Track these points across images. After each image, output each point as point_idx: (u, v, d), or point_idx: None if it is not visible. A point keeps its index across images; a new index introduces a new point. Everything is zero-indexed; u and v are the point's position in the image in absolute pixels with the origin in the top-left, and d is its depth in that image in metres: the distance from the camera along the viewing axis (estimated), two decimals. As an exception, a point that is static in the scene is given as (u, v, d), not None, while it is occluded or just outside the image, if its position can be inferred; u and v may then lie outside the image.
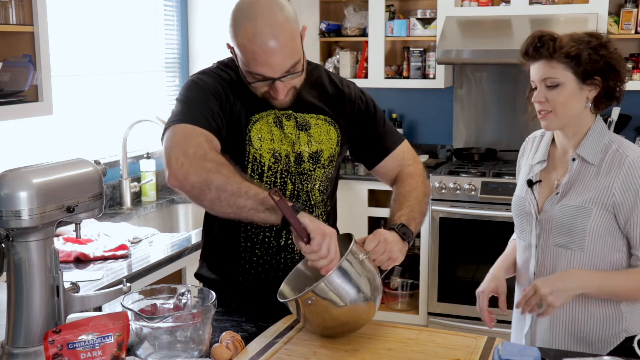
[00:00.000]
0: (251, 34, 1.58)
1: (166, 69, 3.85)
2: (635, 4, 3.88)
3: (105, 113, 3.39)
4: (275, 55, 1.59)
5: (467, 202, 3.87)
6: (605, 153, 1.78)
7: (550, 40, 1.75)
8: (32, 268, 1.42)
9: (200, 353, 1.50)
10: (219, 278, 1.87)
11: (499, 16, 4.05)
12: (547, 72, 1.77)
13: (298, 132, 1.77)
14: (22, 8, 2.40)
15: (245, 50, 1.60)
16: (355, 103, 1.87)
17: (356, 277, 1.53)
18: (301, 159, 1.78)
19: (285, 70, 1.62)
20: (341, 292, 1.51)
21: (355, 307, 1.54)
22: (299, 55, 1.64)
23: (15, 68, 2.42)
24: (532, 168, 1.92)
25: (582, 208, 1.76)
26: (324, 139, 1.81)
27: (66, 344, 1.33)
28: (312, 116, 1.80)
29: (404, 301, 4.25)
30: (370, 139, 1.90)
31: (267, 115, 1.74)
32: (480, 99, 4.43)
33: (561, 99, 1.76)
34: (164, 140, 1.61)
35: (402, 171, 1.89)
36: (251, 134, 1.73)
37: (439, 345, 1.59)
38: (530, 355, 1.41)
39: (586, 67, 1.73)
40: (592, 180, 1.77)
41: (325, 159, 1.81)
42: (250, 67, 1.62)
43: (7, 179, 1.36)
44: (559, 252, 1.82)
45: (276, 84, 1.64)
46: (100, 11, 3.31)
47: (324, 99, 1.83)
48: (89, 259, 2.43)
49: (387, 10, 4.31)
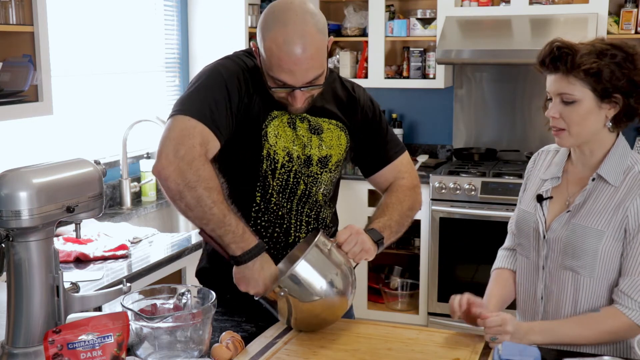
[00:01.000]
0: (281, 40, 1.57)
1: (166, 69, 3.85)
2: (635, 4, 3.88)
3: (105, 113, 3.39)
4: (300, 65, 1.59)
5: (467, 202, 3.87)
6: (627, 174, 1.66)
7: (569, 54, 1.62)
8: (32, 268, 1.42)
9: (200, 353, 1.50)
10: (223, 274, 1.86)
11: (499, 16, 4.05)
12: (563, 87, 1.63)
13: (310, 135, 1.78)
14: (22, 8, 2.40)
15: (272, 55, 1.59)
16: (364, 109, 1.87)
17: (324, 268, 1.57)
18: (310, 162, 1.78)
19: (308, 82, 1.62)
20: (310, 284, 1.55)
21: (326, 298, 1.57)
22: (323, 67, 1.64)
23: (15, 68, 2.42)
24: (544, 183, 1.79)
25: (594, 230, 1.65)
26: (335, 144, 1.81)
27: (66, 344, 1.34)
28: (325, 120, 1.80)
29: (404, 301, 4.25)
30: (373, 146, 1.90)
31: (282, 115, 1.75)
32: (480, 99, 4.43)
33: (576, 118, 1.63)
34: (165, 126, 1.61)
35: (395, 183, 1.90)
36: (268, 129, 1.72)
37: (439, 345, 1.59)
38: (530, 355, 1.41)
39: (606, 84, 1.60)
40: (608, 201, 1.65)
41: (333, 164, 1.82)
42: (273, 72, 1.62)
43: (7, 179, 1.36)
44: (567, 275, 1.70)
45: (295, 93, 1.64)
46: (100, 11, 3.31)
47: (337, 104, 1.83)
48: (89, 259, 2.43)
49: (387, 10, 4.31)
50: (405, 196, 1.87)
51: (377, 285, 4.33)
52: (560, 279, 1.72)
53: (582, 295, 1.70)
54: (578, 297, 1.70)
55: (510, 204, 3.72)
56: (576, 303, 1.71)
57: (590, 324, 1.65)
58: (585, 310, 1.70)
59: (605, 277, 1.67)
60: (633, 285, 1.62)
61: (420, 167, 4.26)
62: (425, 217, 3.98)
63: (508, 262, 1.91)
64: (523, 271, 1.83)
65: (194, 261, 2.73)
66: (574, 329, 1.64)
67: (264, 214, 1.79)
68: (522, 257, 1.84)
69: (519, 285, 1.85)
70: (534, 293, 1.79)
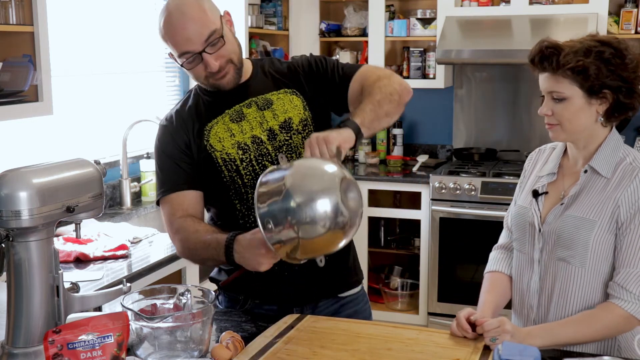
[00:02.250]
0: (167, 22, 1.71)
1: (166, 69, 3.85)
2: (635, 4, 3.88)
3: (105, 113, 3.39)
4: (188, 29, 1.69)
5: (467, 202, 3.87)
6: (619, 166, 1.69)
7: (554, 54, 1.65)
8: (32, 268, 1.42)
9: (200, 353, 1.50)
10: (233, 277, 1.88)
11: (499, 16, 4.05)
12: (552, 85, 1.68)
13: (262, 112, 1.82)
14: (22, 8, 2.40)
15: (167, 38, 1.72)
16: (303, 65, 1.89)
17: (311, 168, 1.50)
18: (274, 133, 1.81)
19: (205, 41, 1.70)
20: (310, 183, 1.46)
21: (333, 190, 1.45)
22: (215, 26, 1.71)
23: (15, 68, 2.42)
24: (540, 179, 1.82)
25: (586, 220, 1.67)
26: (289, 107, 1.84)
27: (66, 344, 1.33)
28: (273, 93, 1.85)
29: (404, 301, 4.25)
30: (332, 83, 1.86)
31: (222, 118, 1.82)
32: (480, 99, 4.43)
33: (567, 114, 1.67)
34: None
35: (364, 84, 1.80)
36: (210, 141, 1.81)
37: (439, 345, 1.59)
38: (530, 355, 1.41)
39: (593, 82, 1.63)
40: (600, 192, 1.68)
41: (296, 124, 1.83)
42: (177, 49, 1.72)
43: (7, 179, 1.36)
44: (560, 266, 1.72)
45: (205, 58, 1.71)
46: (100, 11, 3.31)
47: (278, 75, 1.88)
48: (89, 259, 2.43)
49: (387, 10, 4.31)
50: (373, 89, 1.75)
51: (377, 285, 4.33)
52: (554, 271, 1.74)
53: (575, 287, 1.71)
54: (571, 289, 1.71)
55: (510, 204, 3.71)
56: (569, 295, 1.72)
57: (586, 321, 1.65)
58: (579, 302, 1.71)
59: (596, 268, 1.68)
60: (628, 277, 1.63)
61: (420, 167, 4.26)
62: (425, 217, 3.98)
63: (501, 265, 1.90)
64: (518, 265, 1.84)
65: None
66: (572, 329, 1.65)
67: (247, 216, 1.81)
68: (517, 252, 1.85)
69: (514, 279, 1.86)
70: (529, 286, 1.80)
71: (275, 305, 1.85)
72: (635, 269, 1.63)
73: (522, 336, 1.60)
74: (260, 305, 1.86)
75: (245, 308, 1.86)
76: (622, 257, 1.65)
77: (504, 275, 1.88)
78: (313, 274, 1.82)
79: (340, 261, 1.91)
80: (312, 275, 1.82)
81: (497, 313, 1.79)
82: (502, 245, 1.95)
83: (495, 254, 1.95)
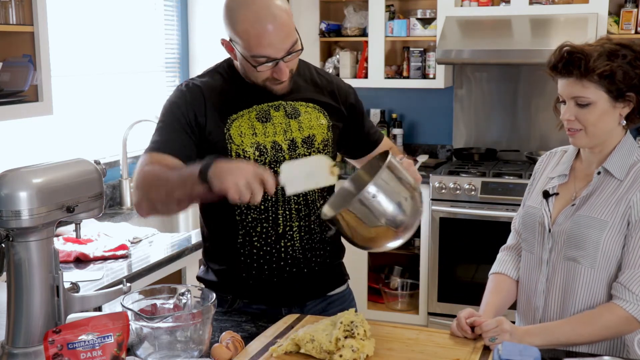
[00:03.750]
0: (252, 19, 1.64)
1: (166, 69, 3.85)
2: (635, 4, 3.88)
3: (105, 113, 3.39)
4: (277, 36, 1.65)
5: (467, 202, 3.87)
6: (632, 168, 1.69)
7: (582, 59, 1.63)
8: (32, 268, 1.42)
9: (200, 353, 1.50)
10: (221, 277, 1.88)
11: (499, 16, 4.05)
12: (577, 90, 1.65)
13: (288, 120, 1.81)
14: (22, 8, 2.40)
15: (249, 36, 1.66)
16: (342, 93, 1.92)
17: (395, 190, 1.49)
18: (295, 145, 1.80)
19: (287, 50, 1.68)
20: (378, 208, 1.46)
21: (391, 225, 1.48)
22: (296, 35, 1.70)
23: (15, 68, 2.42)
24: (551, 180, 1.82)
25: (597, 220, 1.67)
26: (315, 124, 1.84)
27: (66, 344, 1.33)
28: (302, 104, 1.84)
29: (404, 301, 4.25)
30: (358, 129, 1.97)
31: (248, 113, 1.79)
32: (480, 99, 4.43)
33: (592, 119, 1.66)
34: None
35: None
36: (231, 132, 1.77)
37: (439, 345, 1.59)
38: (530, 355, 1.41)
39: (620, 85, 1.63)
40: (612, 193, 1.68)
41: (319, 142, 1.83)
42: (254, 51, 1.67)
43: (7, 179, 1.36)
44: (569, 266, 1.71)
45: (280, 65, 1.69)
46: (101, 11, 3.31)
47: (313, 89, 1.88)
48: (89, 259, 2.43)
49: (387, 10, 4.31)
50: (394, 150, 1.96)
51: (377, 285, 4.33)
52: (563, 271, 1.73)
53: (583, 288, 1.70)
54: (579, 290, 1.71)
55: (510, 204, 3.72)
56: (577, 296, 1.71)
57: (586, 321, 1.65)
58: (586, 304, 1.70)
59: (605, 269, 1.68)
60: (632, 278, 1.63)
61: (420, 167, 4.24)
62: (425, 217, 3.98)
63: (507, 267, 1.90)
64: (526, 266, 1.84)
65: (194, 261, 2.74)
66: (572, 328, 1.64)
67: (247, 215, 1.79)
68: (526, 253, 1.85)
69: (521, 279, 1.86)
70: (535, 287, 1.79)
71: (263, 305, 1.85)
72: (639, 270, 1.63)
73: (520, 335, 1.60)
74: (249, 305, 1.86)
75: (233, 308, 1.86)
76: (628, 258, 1.65)
77: (508, 277, 1.88)
78: (303, 279, 1.84)
79: (333, 265, 1.93)
80: (302, 279, 1.84)
81: (499, 315, 1.78)
82: (509, 247, 1.95)
83: (502, 255, 1.95)
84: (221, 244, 1.86)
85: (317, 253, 1.86)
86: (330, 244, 1.90)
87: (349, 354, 1.46)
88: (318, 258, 1.86)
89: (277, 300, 1.85)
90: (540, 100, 4.26)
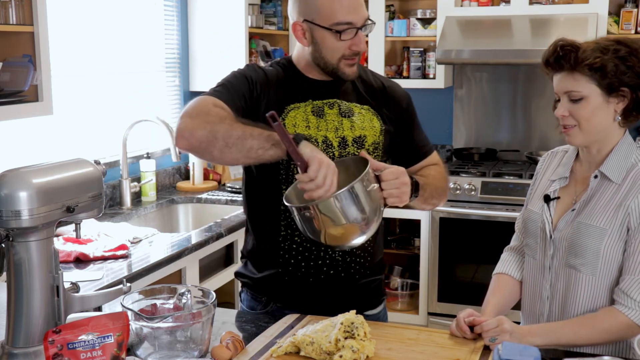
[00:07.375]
0: None
1: (166, 69, 3.85)
2: (635, 4, 3.88)
3: (105, 113, 3.39)
4: (356, 1, 1.74)
5: (467, 202, 3.87)
6: (630, 172, 1.67)
7: (572, 51, 1.63)
8: (32, 268, 1.42)
9: (200, 353, 1.50)
10: (259, 273, 1.88)
11: (499, 16, 4.05)
12: (569, 84, 1.64)
13: (341, 118, 1.82)
14: (22, 8, 2.39)
15: (332, 2, 1.71)
16: (396, 99, 1.92)
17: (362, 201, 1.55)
18: (345, 143, 1.81)
19: (366, 19, 1.74)
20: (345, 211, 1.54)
21: (351, 227, 1.57)
22: None
23: (15, 68, 2.42)
24: (552, 184, 1.79)
25: (597, 228, 1.65)
26: (367, 126, 1.84)
27: (66, 344, 1.33)
28: (356, 105, 1.86)
29: (404, 301, 4.25)
30: (408, 138, 1.95)
31: (304, 106, 1.80)
32: (480, 99, 4.43)
33: (585, 114, 1.64)
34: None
35: (426, 166, 1.95)
36: (286, 120, 1.78)
37: (439, 345, 1.59)
38: (530, 355, 1.41)
39: (612, 79, 1.61)
40: (611, 199, 1.66)
41: (369, 144, 1.84)
42: (338, 18, 1.71)
43: (7, 179, 1.36)
44: (571, 274, 1.70)
45: (359, 35, 1.74)
46: (101, 11, 3.31)
47: (368, 91, 1.89)
48: (89, 259, 2.43)
49: (387, 10, 4.31)
50: (442, 177, 1.92)
51: (377, 285, 4.33)
52: (566, 278, 1.72)
53: (585, 294, 1.69)
54: (581, 296, 1.70)
55: (510, 204, 3.72)
56: (581, 302, 1.70)
57: (587, 324, 1.65)
58: (587, 309, 1.69)
59: (607, 276, 1.67)
60: (633, 284, 1.62)
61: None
62: (425, 217, 3.98)
63: (510, 268, 1.89)
64: (530, 271, 1.83)
65: (194, 261, 2.75)
66: (572, 330, 1.64)
67: (287, 180, 1.79)
68: (529, 258, 1.84)
69: (525, 285, 1.85)
70: (540, 293, 1.79)
71: (296, 311, 1.80)
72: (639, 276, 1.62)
73: (522, 334, 1.59)
74: (282, 310, 1.84)
75: (266, 310, 1.86)
76: (628, 264, 1.64)
77: (511, 278, 1.88)
78: (339, 285, 1.83)
79: (372, 278, 1.91)
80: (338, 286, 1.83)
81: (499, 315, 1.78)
82: (513, 247, 1.94)
83: (505, 255, 1.94)
84: (263, 240, 1.86)
85: (356, 260, 1.85)
86: (370, 254, 1.88)
87: (349, 354, 1.46)
88: (357, 265, 1.85)
89: (310, 308, 1.80)
90: (540, 100, 4.26)
